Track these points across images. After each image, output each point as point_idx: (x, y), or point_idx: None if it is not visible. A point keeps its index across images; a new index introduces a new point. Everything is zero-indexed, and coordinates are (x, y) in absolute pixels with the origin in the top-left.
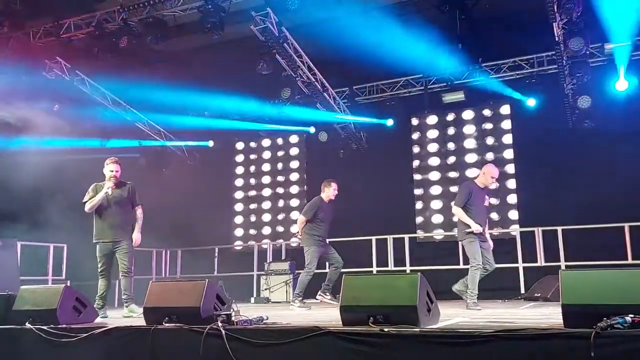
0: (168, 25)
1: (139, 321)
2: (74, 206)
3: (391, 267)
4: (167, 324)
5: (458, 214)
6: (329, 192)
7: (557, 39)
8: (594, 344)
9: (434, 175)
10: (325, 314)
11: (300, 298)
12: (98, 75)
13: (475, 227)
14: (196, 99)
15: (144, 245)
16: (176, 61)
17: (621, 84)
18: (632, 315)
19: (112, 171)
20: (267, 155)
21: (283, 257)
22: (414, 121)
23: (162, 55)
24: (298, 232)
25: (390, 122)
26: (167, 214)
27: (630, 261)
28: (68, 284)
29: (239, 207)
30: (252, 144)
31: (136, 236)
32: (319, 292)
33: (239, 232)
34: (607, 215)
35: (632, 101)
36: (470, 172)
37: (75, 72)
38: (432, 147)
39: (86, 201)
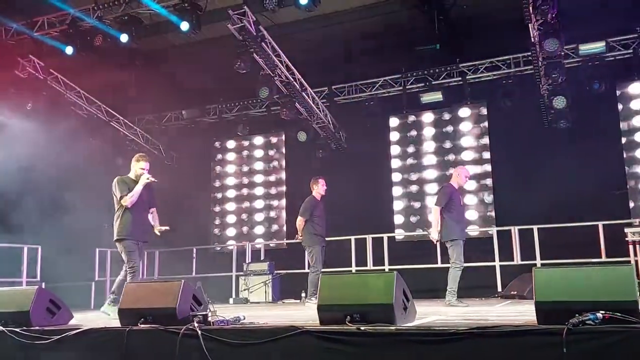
0: (144, 23)
1: (114, 322)
2: (48, 207)
3: (370, 266)
4: (142, 325)
5: (435, 215)
6: (319, 188)
7: (532, 40)
8: (566, 340)
9: (413, 175)
10: (303, 314)
11: (316, 295)
12: (73, 74)
13: (434, 237)
14: (173, 98)
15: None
16: (153, 60)
17: (595, 85)
18: (603, 312)
19: (144, 169)
20: (245, 155)
21: (262, 258)
22: (393, 121)
23: (139, 53)
24: (299, 234)
25: (369, 122)
26: None
27: (603, 259)
28: (43, 286)
29: (217, 207)
30: (230, 144)
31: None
32: (307, 299)
33: (217, 232)
34: (582, 214)
35: (606, 101)
36: (449, 172)
37: (49, 71)
38: (411, 147)
39: (123, 195)
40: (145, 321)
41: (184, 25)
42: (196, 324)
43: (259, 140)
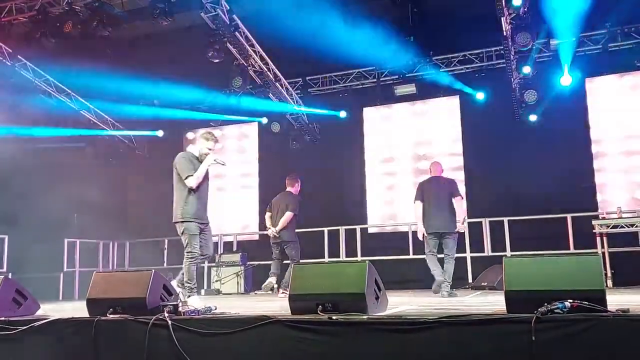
0: (115, 10)
1: (82, 313)
2: (15, 197)
3: (343, 258)
4: (111, 316)
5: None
6: (298, 187)
7: (504, 34)
8: (535, 328)
9: (386, 167)
10: (276, 304)
11: None
12: (41, 61)
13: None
14: (145, 88)
15: (89, 236)
16: (124, 48)
17: (565, 79)
18: (571, 301)
19: (211, 149)
20: (218, 146)
21: (234, 249)
22: (366, 113)
23: (110, 41)
24: (275, 229)
25: (343, 114)
26: (115, 204)
27: (572, 250)
28: (9, 277)
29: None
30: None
31: None
32: (282, 290)
33: None
34: (551, 207)
35: (576, 96)
36: (421, 165)
37: (17, 58)
38: (384, 139)
39: (189, 176)
40: (115, 311)
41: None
42: (166, 314)
43: (232, 130)
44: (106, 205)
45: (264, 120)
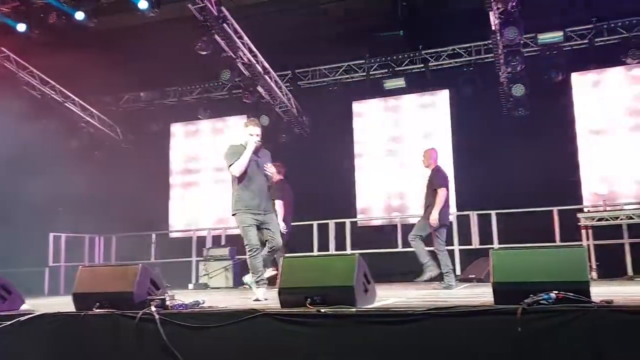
0: (101, 1)
1: (69, 307)
2: None
3: (332, 251)
4: (98, 310)
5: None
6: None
7: (493, 28)
8: (521, 320)
9: (375, 161)
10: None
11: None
12: (25, 52)
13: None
14: (132, 79)
15: (75, 230)
16: (111, 39)
17: (550, 74)
18: (556, 292)
19: (252, 134)
20: (206, 138)
21: (223, 243)
22: (356, 107)
23: (96, 33)
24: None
25: (331, 108)
26: (101, 198)
27: (558, 243)
28: None
29: (176, 191)
30: (191, 127)
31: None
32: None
33: (176, 217)
34: (538, 200)
35: (562, 90)
36: (410, 158)
37: (0, 49)
38: (373, 133)
39: (232, 164)
40: (101, 306)
41: (143, 4)
42: (154, 308)
43: (219, 123)
44: (92, 199)
45: (253, 113)
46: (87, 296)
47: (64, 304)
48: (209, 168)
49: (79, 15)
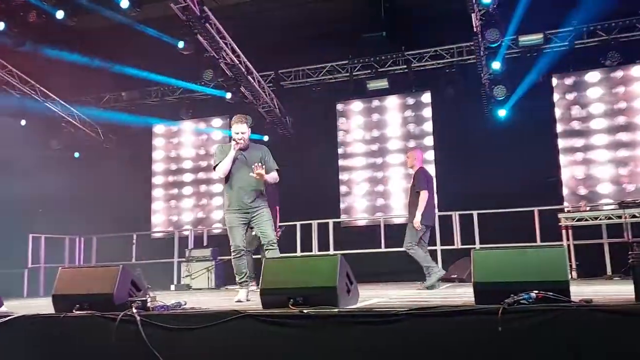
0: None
1: (48, 309)
2: None
3: (315, 251)
4: (77, 312)
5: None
6: None
7: (475, 30)
8: (502, 320)
9: (359, 161)
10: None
11: None
12: (5, 51)
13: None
14: (113, 80)
15: (55, 231)
16: (92, 39)
17: (532, 76)
18: (536, 292)
19: (237, 132)
20: (188, 139)
21: (205, 244)
22: (339, 107)
23: (76, 32)
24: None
25: (315, 108)
26: (81, 199)
27: (539, 243)
28: None
29: (158, 192)
30: (173, 127)
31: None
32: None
33: (158, 218)
34: (519, 200)
35: (543, 91)
36: (393, 159)
37: None
38: (357, 134)
39: (216, 165)
40: (81, 308)
41: (124, 3)
42: (134, 310)
43: (202, 123)
44: (72, 199)
45: (236, 113)
46: (66, 298)
47: (44, 305)
48: (192, 168)
49: (59, 14)
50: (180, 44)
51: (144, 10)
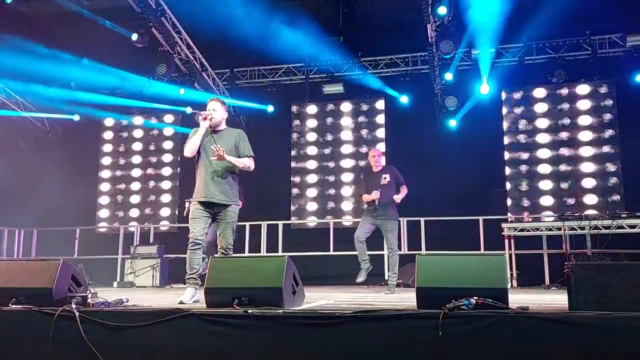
0: None
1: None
2: None
3: (264, 252)
4: (13, 306)
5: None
6: None
7: (429, 40)
8: (442, 324)
9: (311, 164)
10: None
11: None
12: None
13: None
14: (62, 69)
15: None
16: (41, 26)
17: (484, 88)
18: (476, 298)
19: (208, 110)
20: (138, 133)
21: (151, 241)
22: (294, 109)
23: (25, 18)
24: None
25: (270, 109)
26: (22, 189)
27: (482, 251)
28: None
29: (105, 186)
30: (123, 121)
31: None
32: None
33: (104, 213)
34: (466, 209)
35: (492, 104)
36: (345, 163)
37: None
38: (311, 136)
39: (185, 145)
40: (18, 301)
41: None
42: (74, 305)
43: (153, 118)
44: (14, 190)
45: (188, 110)
46: (2, 291)
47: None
48: (140, 163)
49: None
50: (134, 37)
51: (98, 0)
